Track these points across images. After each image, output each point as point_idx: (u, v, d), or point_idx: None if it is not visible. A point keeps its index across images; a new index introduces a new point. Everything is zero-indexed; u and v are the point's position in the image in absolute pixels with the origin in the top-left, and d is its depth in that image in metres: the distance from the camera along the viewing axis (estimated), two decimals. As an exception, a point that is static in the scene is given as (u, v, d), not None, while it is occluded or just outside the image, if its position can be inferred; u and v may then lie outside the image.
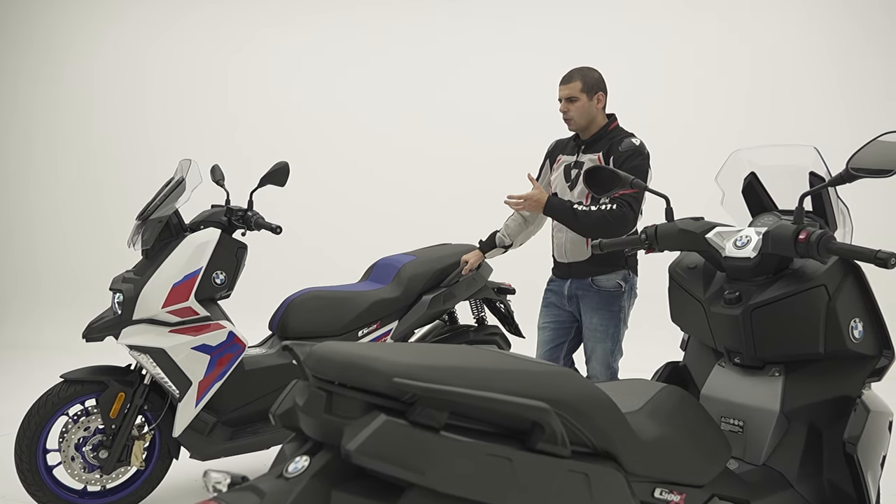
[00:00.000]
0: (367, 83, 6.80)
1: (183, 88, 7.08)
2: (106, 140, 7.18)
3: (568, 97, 3.04)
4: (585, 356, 3.15)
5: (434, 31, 6.68)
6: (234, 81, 7.02)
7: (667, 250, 2.05)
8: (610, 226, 2.83)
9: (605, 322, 3.04)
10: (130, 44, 7.15)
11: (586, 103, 3.03)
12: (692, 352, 2.17)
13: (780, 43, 6.00)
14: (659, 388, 1.71)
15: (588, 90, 3.03)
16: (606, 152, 2.99)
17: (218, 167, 3.44)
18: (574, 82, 3.04)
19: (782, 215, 2.07)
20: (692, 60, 6.14)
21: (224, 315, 3.09)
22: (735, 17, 6.09)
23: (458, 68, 6.61)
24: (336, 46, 6.84)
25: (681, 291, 2.07)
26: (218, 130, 6.92)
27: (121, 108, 7.16)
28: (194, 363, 2.90)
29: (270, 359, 3.15)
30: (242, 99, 7.00)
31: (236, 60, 7.01)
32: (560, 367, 1.34)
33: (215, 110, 7.00)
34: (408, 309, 3.40)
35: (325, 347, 1.25)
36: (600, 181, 2.22)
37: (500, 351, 1.36)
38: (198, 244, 2.96)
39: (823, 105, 5.88)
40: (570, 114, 3.04)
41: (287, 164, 3.12)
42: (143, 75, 7.13)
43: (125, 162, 7.11)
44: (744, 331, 1.86)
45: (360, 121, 6.77)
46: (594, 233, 2.91)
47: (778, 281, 1.86)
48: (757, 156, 2.09)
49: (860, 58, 5.85)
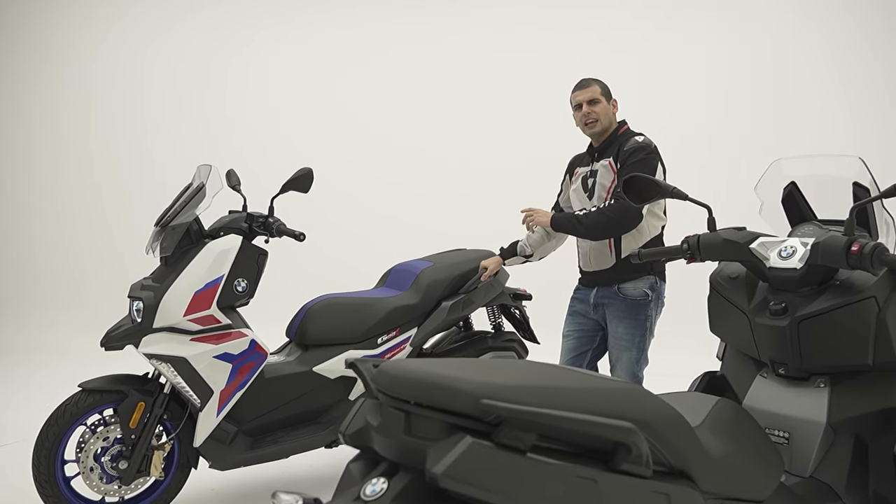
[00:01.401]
0: (368, 84, 6.76)
1: (182, 90, 7.03)
2: (104, 142, 7.11)
3: (591, 100, 3.05)
4: (610, 364, 3.13)
5: (436, 31, 6.64)
6: (234, 83, 6.97)
7: (709, 260, 2.04)
8: (611, 220, 2.86)
9: (630, 331, 3.02)
10: (129, 45, 7.09)
11: (606, 106, 3.07)
12: (731, 362, 2.16)
13: (780, 43, 6.01)
14: (714, 402, 1.69)
15: (605, 95, 3.08)
16: (616, 155, 3.00)
17: (234, 172, 3.40)
18: (592, 87, 3.07)
19: (823, 225, 2.06)
20: (693, 61, 6.14)
21: (245, 323, 3.05)
22: (735, 17, 6.09)
23: (461, 69, 6.59)
24: (336, 47, 6.81)
25: (722, 301, 2.05)
26: (217, 133, 6.87)
27: (119, 109, 7.09)
28: (216, 372, 2.86)
29: (290, 367, 3.11)
30: (242, 101, 6.95)
31: (236, 62, 6.97)
32: (631, 383, 1.32)
33: (214, 112, 6.95)
34: (427, 315, 3.38)
35: (398, 366, 1.22)
36: (638, 190, 2.20)
37: (566, 367, 1.34)
38: (219, 251, 2.92)
39: (827, 105, 5.86)
40: (595, 115, 3.04)
41: (311, 170, 3.09)
42: (142, 77, 7.07)
43: (123, 164, 7.04)
44: (790, 342, 1.85)
45: (361, 122, 6.73)
46: (601, 232, 2.94)
47: (825, 292, 1.85)
48: (798, 165, 2.08)
49: (862, 60, 5.86)
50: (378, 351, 3.23)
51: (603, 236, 2.97)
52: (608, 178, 3.01)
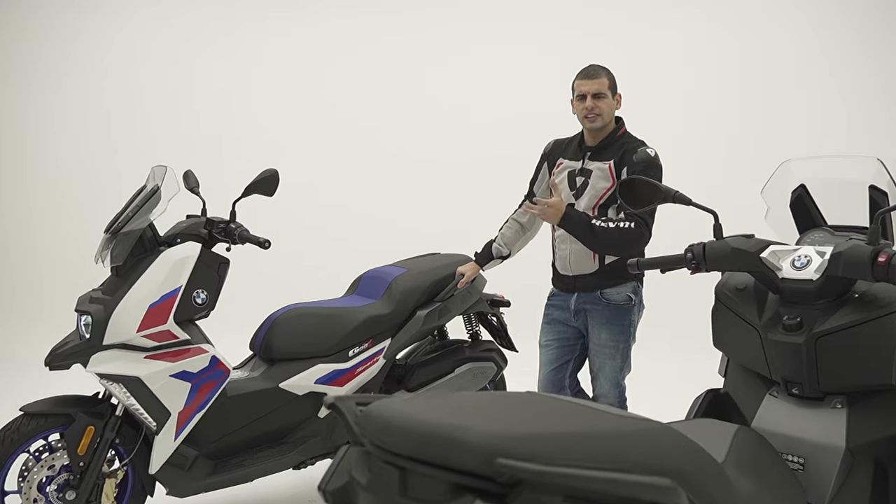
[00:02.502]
0: (348, 79, 6.46)
1: (147, 84, 6.60)
2: (72, 146, 6.67)
3: (597, 93, 2.81)
4: (591, 373, 2.98)
5: (422, 23, 6.35)
6: (206, 79, 6.56)
7: (715, 271, 1.89)
8: (627, 245, 2.70)
9: (614, 337, 2.88)
10: (94, 43, 6.64)
11: (611, 101, 2.86)
12: (735, 378, 2.01)
13: (771, 38, 5.84)
14: (733, 433, 1.54)
15: (612, 88, 2.87)
16: (619, 161, 2.81)
17: (191, 173, 3.16)
18: (601, 78, 2.84)
19: (835, 231, 1.92)
20: (681, 58, 5.99)
21: (205, 337, 2.82)
22: (725, 13, 5.96)
23: (440, 63, 6.31)
24: (318, 43, 6.48)
25: (729, 315, 1.90)
26: (190, 133, 6.45)
27: (87, 110, 6.60)
28: (173, 392, 2.63)
29: (254, 383, 2.89)
30: (212, 97, 6.56)
31: (209, 56, 6.54)
32: (658, 423, 1.15)
33: (186, 111, 6.54)
34: (401, 325, 3.18)
35: (390, 410, 1.02)
36: (637, 194, 2.03)
37: (580, 402, 1.16)
38: (176, 260, 2.68)
39: (818, 102, 5.72)
40: (599, 110, 2.81)
41: (276, 171, 2.87)
42: (106, 75, 6.60)
43: (92, 168, 6.57)
44: (807, 360, 1.71)
45: (340, 116, 6.41)
46: (608, 250, 2.79)
47: (844, 306, 1.70)
48: (808, 167, 1.93)
49: (856, 57, 5.72)
50: (349, 364, 3.03)
51: (608, 254, 2.82)
52: (605, 183, 2.81)
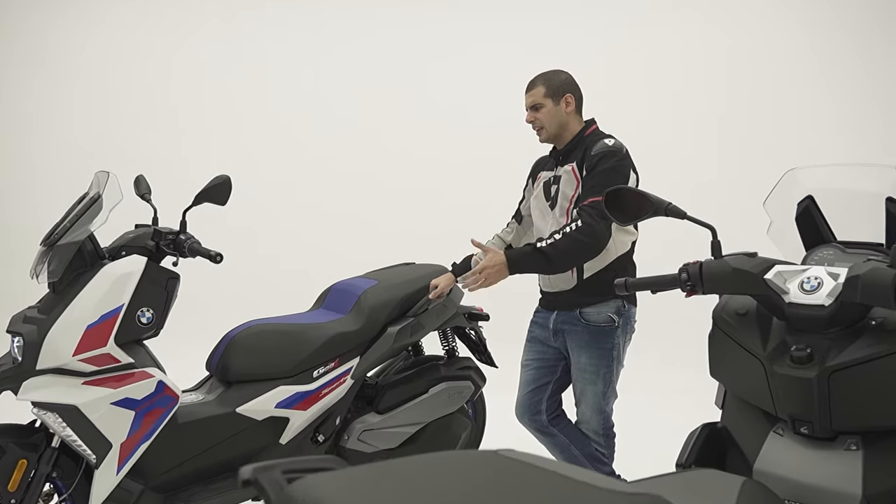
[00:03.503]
0: (340, 76, 6.19)
1: (129, 86, 6.25)
2: (20, 146, 6.38)
3: (532, 105, 2.73)
4: (575, 399, 2.78)
5: (422, 17, 6.13)
6: (188, 75, 6.26)
7: (713, 293, 1.67)
8: (583, 245, 2.49)
9: (595, 361, 2.66)
10: (69, 41, 6.31)
11: (553, 109, 2.70)
12: (734, 412, 1.79)
13: (761, 40, 5.69)
14: (739, 486, 1.32)
15: (553, 94, 2.70)
16: (580, 160, 2.63)
17: (143, 178, 2.91)
18: (536, 88, 2.73)
19: (846, 248, 1.71)
20: (667, 57, 5.81)
21: (152, 360, 2.57)
22: (719, 14, 5.77)
23: (446, 60, 6.08)
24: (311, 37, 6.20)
25: (729, 343, 1.69)
26: (169, 134, 6.17)
27: (58, 110, 6.30)
28: (115, 422, 2.38)
29: (208, 408, 2.65)
30: (193, 90, 6.26)
31: (190, 50, 6.24)
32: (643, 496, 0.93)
33: (162, 109, 6.25)
34: (371, 343, 2.95)
35: (312, 494, 0.79)
36: (623, 206, 1.81)
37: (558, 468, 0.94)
38: (118, 276, 2.43)
39: (808, 101, 5.58)
40: (539, 122, 2.72)
41: (228, 178, 2.63)
42: (80, 74, 6.30)
43: (62, 173, 6.23)
44: (819, 397, 1.50)
45: (335, 116, 6.13)
46: (572, 261, 2.57)
47: (861, 336, 1.50)
48: (816, 176, 1.72)
49: (846, 56, 5.58)
50: (314, 386, 2.79)
51: (574, 265, 2.61)
52: (571, 186, 2.65)
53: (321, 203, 6.06)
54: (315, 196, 6.05)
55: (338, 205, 6.02)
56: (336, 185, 6.04)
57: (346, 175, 6.05)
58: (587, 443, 2.77)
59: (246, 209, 5.76)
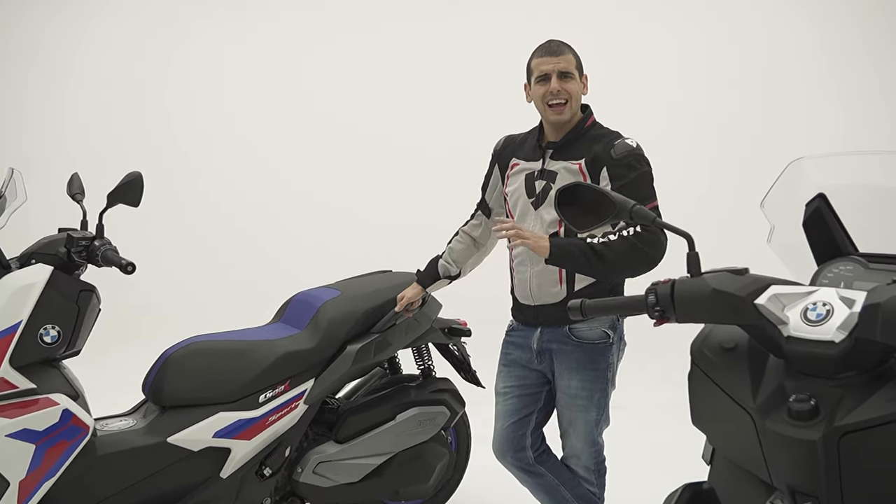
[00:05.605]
0: (330, 73, 5.92)
1: (112, 74, 6.08)
2: (14, 141, 6.20)
3: (564, 71, 2.21)
4: (561, 429, 2.37)
5: (404, 15, 5.85)
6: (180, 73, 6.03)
7: (689, 322, 1.28)
8: (643, 256, 2.04)
9: (587, 386, 2.26)
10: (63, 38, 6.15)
11: (579, 85, 2.26)
12: (723, 472, 1.40)
13: (771, 36, 5.33)
14: None
15: (579, 69, 2.27)
16: (592, 160, 2.18)
17: (77, 177, 2.61)
18: (566, 55, 2.23)
19: (870, 264, 1.30)
20: (666, 48, 5.45)
21: (66, 383, 2.26)
22: (724, 9, 5.41)
23: (446, 58, 5.79)
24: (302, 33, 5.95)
25: (711, 387, 1.30)
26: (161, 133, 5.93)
27: (26, 105, 6.15)
28: (11, 456, 2.08)
29: (135, 437, 2.34)
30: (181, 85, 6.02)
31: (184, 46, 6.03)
32: None
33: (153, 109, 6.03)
34: (328, 363, 2.60)
35: None
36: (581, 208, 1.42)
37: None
38: (16, 288, 2.12)
39: (816, 100, 5.19)
40: (567, 94, 2.21)
41: (140, 175, 2.31)
42: (74, 72, 6.10)
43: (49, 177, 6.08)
44: (826, 465, 1.11)
45: (324, 113, 5.84)
46: (624, 270, 2.13)
47: (883, 386, 1.10)
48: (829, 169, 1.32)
49: (855, 54, 5.19)
50: (259, 413, 2.46)
51: (623, 275, 2.22)
52: None
53: (323, 203, 5.76)
54: (315, 196, 5.76)
55: (337, 205, 5.72)
56: (336, 185, 5.75)
57: (346, 175, 5.75)
58: (578, 482, 2.38)
59: (246, 209, 5.59)
